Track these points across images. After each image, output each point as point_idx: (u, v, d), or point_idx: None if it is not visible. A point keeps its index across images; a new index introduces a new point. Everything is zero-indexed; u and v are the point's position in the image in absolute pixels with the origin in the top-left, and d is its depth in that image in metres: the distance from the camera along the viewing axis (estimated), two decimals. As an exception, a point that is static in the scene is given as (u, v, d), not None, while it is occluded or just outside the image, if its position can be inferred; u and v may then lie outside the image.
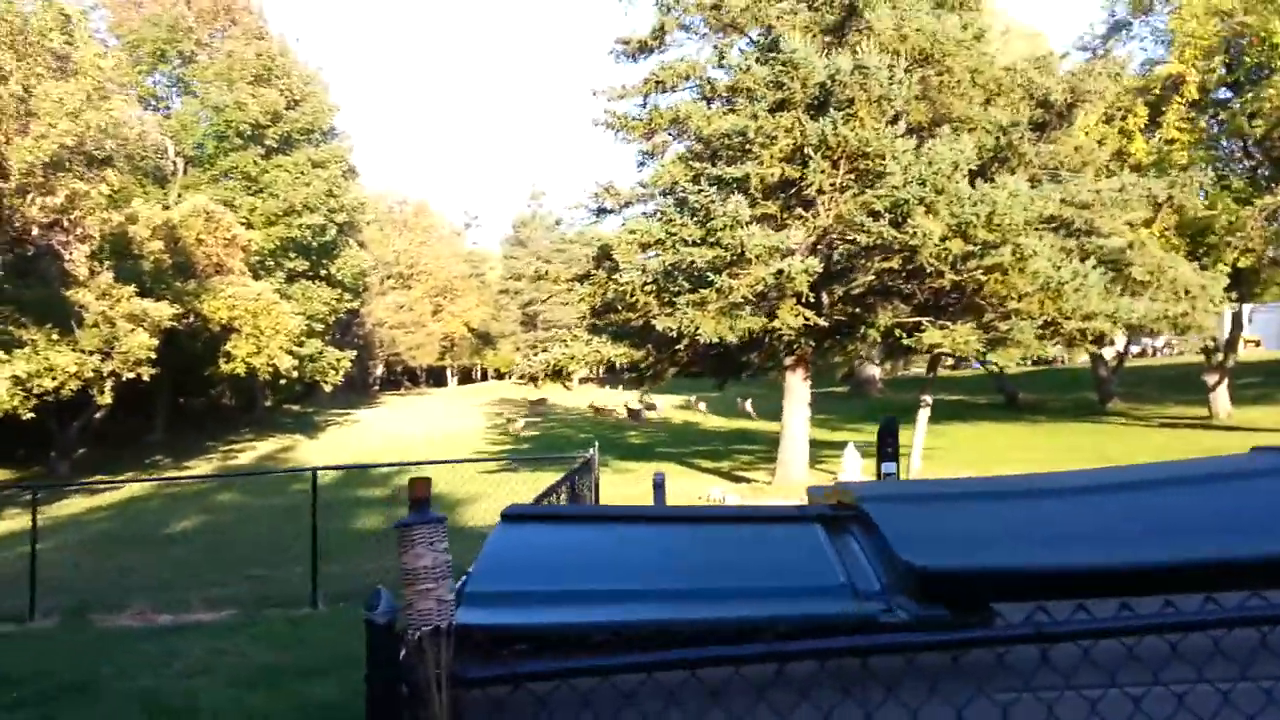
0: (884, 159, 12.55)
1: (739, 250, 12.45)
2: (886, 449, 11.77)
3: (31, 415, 21.62)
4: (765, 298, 13.20)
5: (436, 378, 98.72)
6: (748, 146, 13.42)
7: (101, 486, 18.16)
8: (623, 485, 19.04)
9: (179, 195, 37.89)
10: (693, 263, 12.84)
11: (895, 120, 14.01)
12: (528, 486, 20.95)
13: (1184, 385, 33.14)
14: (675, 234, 12.97)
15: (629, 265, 14.13)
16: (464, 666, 1.47)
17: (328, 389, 41.85)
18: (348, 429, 43.78)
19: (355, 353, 45.98)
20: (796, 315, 13.15)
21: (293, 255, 42.26)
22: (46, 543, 17.61)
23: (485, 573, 1.86)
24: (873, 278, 13.94)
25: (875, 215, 12.63)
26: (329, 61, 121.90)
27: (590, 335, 16.53)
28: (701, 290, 13.13)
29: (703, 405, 52.65)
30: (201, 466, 32.42)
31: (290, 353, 33.34)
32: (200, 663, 7.81)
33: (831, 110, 13.17)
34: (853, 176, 13.28)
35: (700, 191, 12.50)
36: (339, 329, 52.35)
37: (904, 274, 14.14)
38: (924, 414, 16.90)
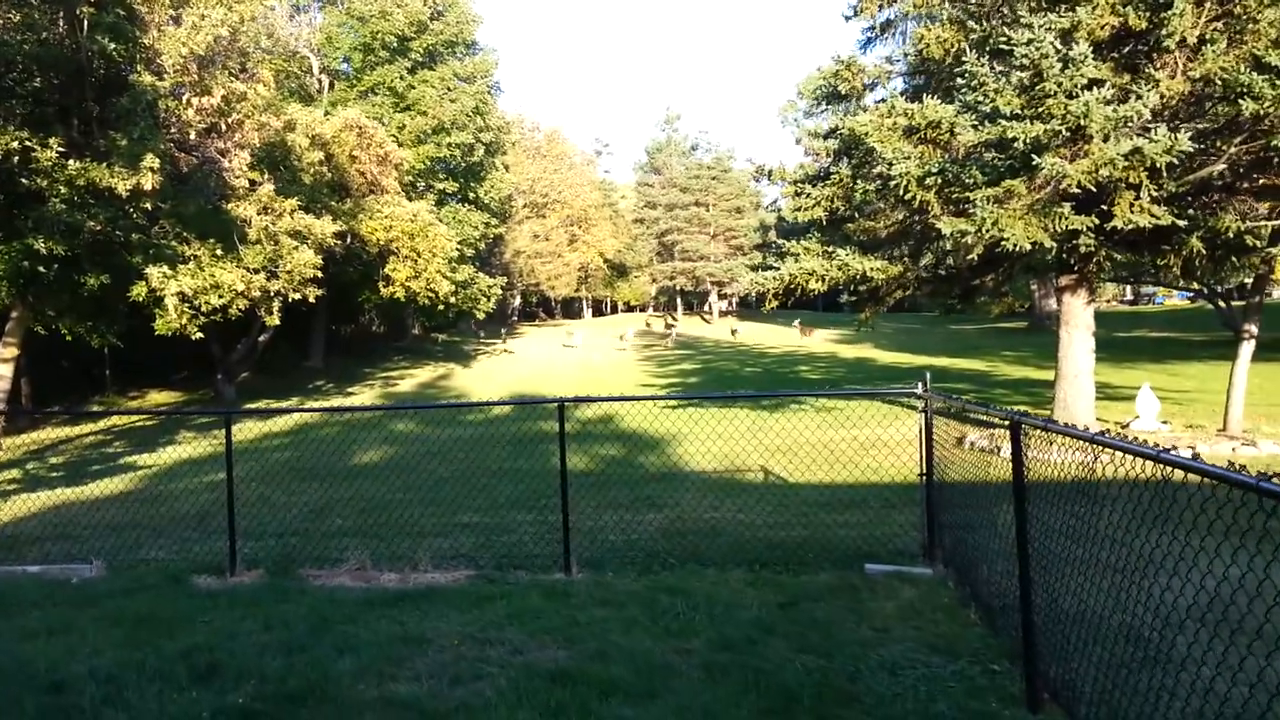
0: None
1: (1076, 123, 9.47)
2: None
3: (200, 335, 20.64)
4: (1102, 188, 10.15)
5: (566, 309, 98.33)
6: (1065, -11, 10.24)
7: (288, 410, 16.66)
8: (875, 425, 16.52)
9: (326, 113, 36.80)
10: (1012, 143, 9.87)
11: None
12: (722, 421, 18.39)
13: None
14: (986, 102, 9.99)
15: (898, 155, 11.30)
16: None
17: (479, 316, 40.60)
18: (498, 358, 42.72)
19: (505, 280, 44.70)
20: (1141, 212, 10.06)
21: (442, 176, 40.89)
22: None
23: None
24: (1224, 166, 10.69)
25: (1266, 70, 9.34)
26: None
27: (826, 247, 13.82)
28: (1008, 181, 10.22)
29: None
30: (364, 393, 31.67)
31: (447, 278, 31.95)
32: (462, 660, 5.77)
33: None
34: (1220, 24, 9.99)
35: (1031, 42, 9.43)
36: (481, 257, 51.30)
37: (1260, 159, 10.83)
38: (1247, 351, 13.54)
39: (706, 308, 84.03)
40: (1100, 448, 3.77)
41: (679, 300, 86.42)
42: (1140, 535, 3.75)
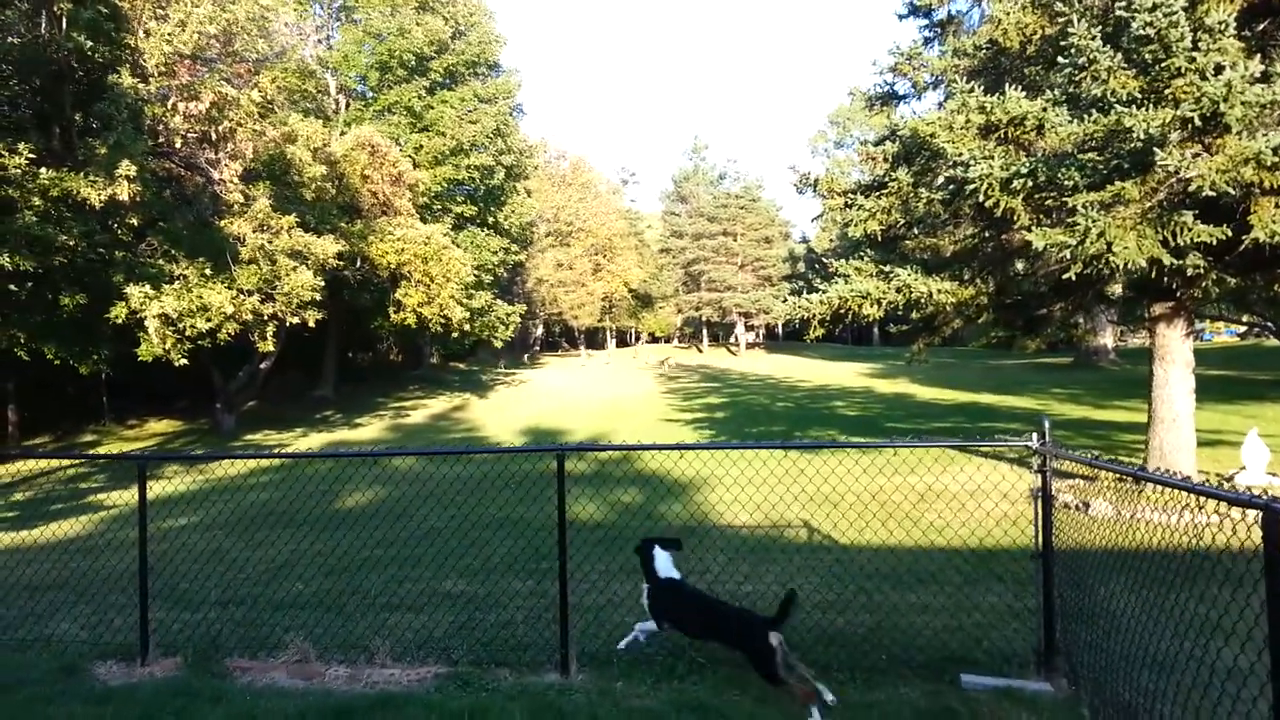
0: None
1: (1214, 108, 7.62)
2: None
3: (184, 362, 18.99)
4: (1235, 192, 8.23)
5: (590, 340, 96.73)
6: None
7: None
8: (928, 471, 14.65)
9: (341, 132, 35.42)
10: (1127, 134, 7.99)
11: None
12: (755, 463, 16.17)
13: None
14: (1096, 85, 8.12)
15: (975, 157, 9.48)
16: None
17: (498, 344, 38.90)
18: (516, 388, 41.00)
19: (525, 308, 43.07)
20: (1281, 222, 8.11)
21: (460, 199, 39.44)
22: (190, 518, 14.84)
23: None
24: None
25: None
26: None
27: (881, 266, 11.97)
28: (1118, 183, 8.34)
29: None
30: (373, 424, 29.97)
31: (461, 304, 30.29)
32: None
33: None
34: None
35: (1157, 8, 7.56)
36: (501, 285, 49.77)
37: None
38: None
39: (733, 339, 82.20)
40: None
41: (704, 331, 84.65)
42: None
